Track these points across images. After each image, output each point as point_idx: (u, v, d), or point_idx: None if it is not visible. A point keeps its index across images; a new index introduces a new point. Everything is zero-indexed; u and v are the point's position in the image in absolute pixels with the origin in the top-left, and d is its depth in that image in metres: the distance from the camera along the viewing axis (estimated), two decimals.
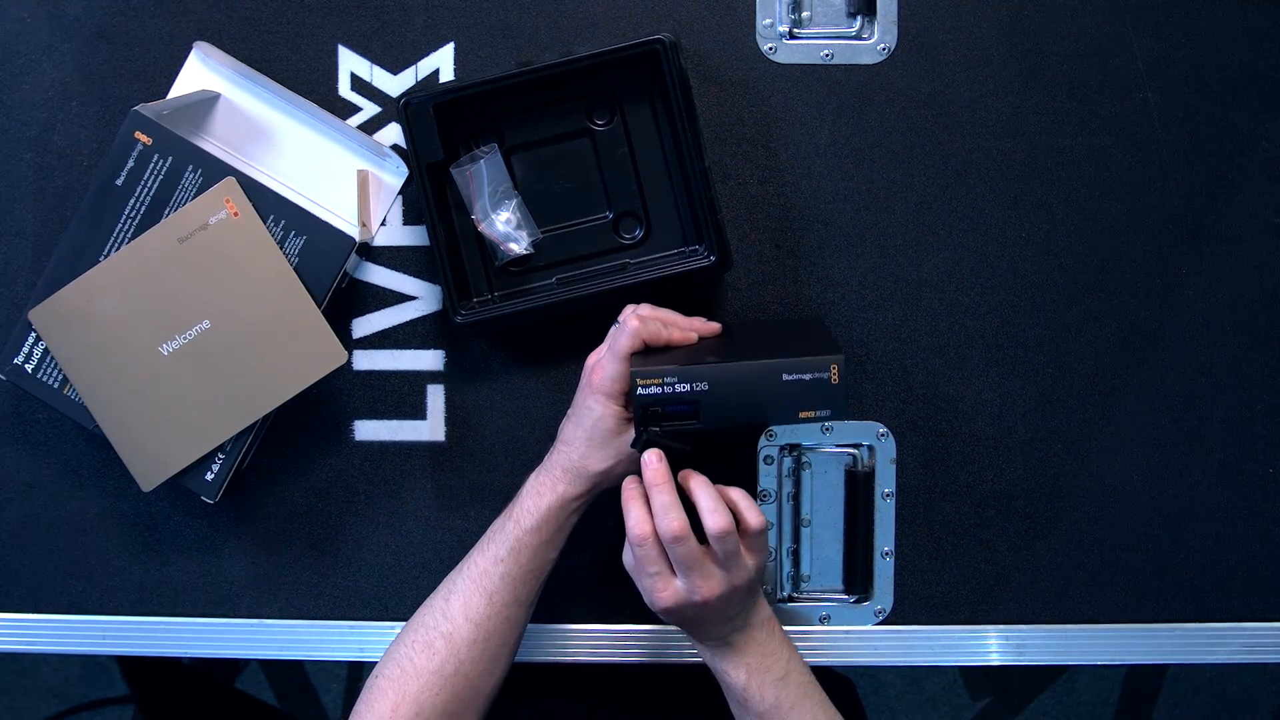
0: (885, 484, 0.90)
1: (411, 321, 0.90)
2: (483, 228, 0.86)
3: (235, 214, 0.83)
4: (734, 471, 0.88)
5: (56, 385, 0.85)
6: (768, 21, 0.89)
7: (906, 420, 0.90)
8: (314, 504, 0.91)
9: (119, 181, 0.83)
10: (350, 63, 0.89)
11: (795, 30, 0.89)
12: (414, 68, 0.89)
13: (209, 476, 0.85)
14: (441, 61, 0.89)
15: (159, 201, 0.84)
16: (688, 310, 0.85)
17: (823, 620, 0.91)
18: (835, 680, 1.08)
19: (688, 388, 0.74)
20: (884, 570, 0.90)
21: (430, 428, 0.91)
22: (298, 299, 0.84)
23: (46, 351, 0.85)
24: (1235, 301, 0.90)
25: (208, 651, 0.91)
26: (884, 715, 1.67)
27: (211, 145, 0.89)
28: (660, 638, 0.91)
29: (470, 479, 0.91)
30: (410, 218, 0.90)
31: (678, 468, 0.74)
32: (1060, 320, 0.90)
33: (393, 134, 0.89)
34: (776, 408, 0.75)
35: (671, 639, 0.91)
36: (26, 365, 0.85)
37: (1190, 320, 0.90)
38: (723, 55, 0.89)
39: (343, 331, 0.90)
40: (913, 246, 0.90)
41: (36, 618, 0.91)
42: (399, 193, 0.90)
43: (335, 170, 0.89)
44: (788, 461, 0.89)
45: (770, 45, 0.89)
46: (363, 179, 0.88)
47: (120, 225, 0.84)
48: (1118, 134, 0.89)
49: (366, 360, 0.90)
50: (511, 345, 0.90)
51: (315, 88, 0.89)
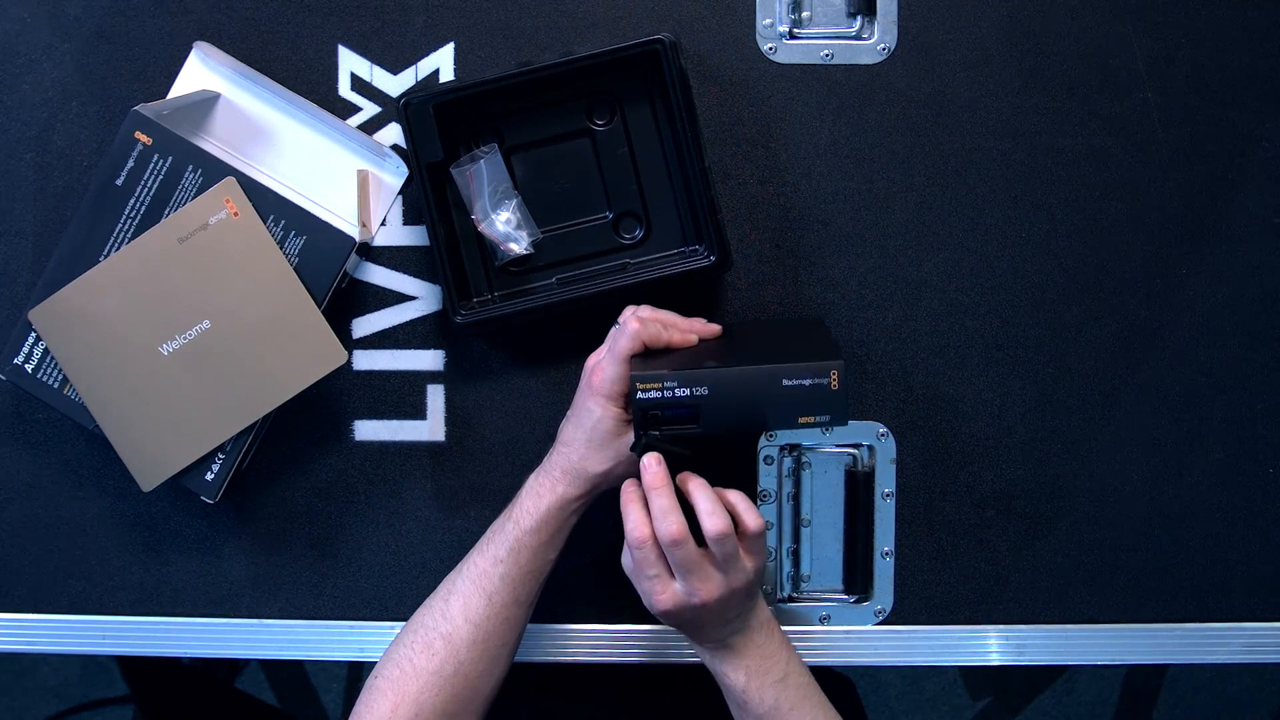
0: (885, 484, 0.90)
1: (411, 321, 0.90)
2: (483, 228, 0.86)
3: (235, 214, 0.83)
4: (734, 472, 0.88)
5: (56, 385, 0.85)
6: (768, 21, 0.89)
7: (906, 420, 0.90)
8: (314, 504, 0.91)
9: (119, 181, 0.83)
10: (350, 63, 0.89)
11: (795, 30, 0.89)
12: (414, 68, 0.89)
13: (209, 476, 0.85)
14: (441, 61, 0.89)
15: (159, 201, 0.84)
16: (688, 310, 0.85)
17: (823, 620, 0.91)
18: (835, 680, 1.08)
19: (687, 392, 0.74)
20: (884, 570, 0.90)
21: (430, 428, 0.91)
22: (298, 299, 0.84)
23: (46, 351, 0.85)
24: (1235, 301, 0.90)
25: (208, 651, 0.91)
26: (884, 715, 1.67)
27: (211, 145, 0.89)
28: (660, 638, 0.91)
29: (470, 479, 0.91)
30: (410, 218, 0.90)
31: (677, 470, 0.74)
32: (1060, 320, 0.90)
33: (393, 134, 0.89)
34: (776, 413, 0.74)
35: (671, 639, 0.91)
36: (26, 365, 0.85)
37: (1190, 320, 0.90)
38: (723, 55, 0.89)
39: (343, 331, 0.90)
40: (913, 246, 0.90)
41: (36, 618, 0.91)
42: (399, 193, 0.90)
43: (335, 170, 0.89)
44: (788, 461, 0.89)
45: (770, 45, 0.89)
46: (363, 179, 0.88)
47: (120, 225, 0.84)
48: (1118, 134, 0.89)
49: (366, 360, 0.90)
50: (511, 345, 0.90)
51: (315, 88, 0.89)
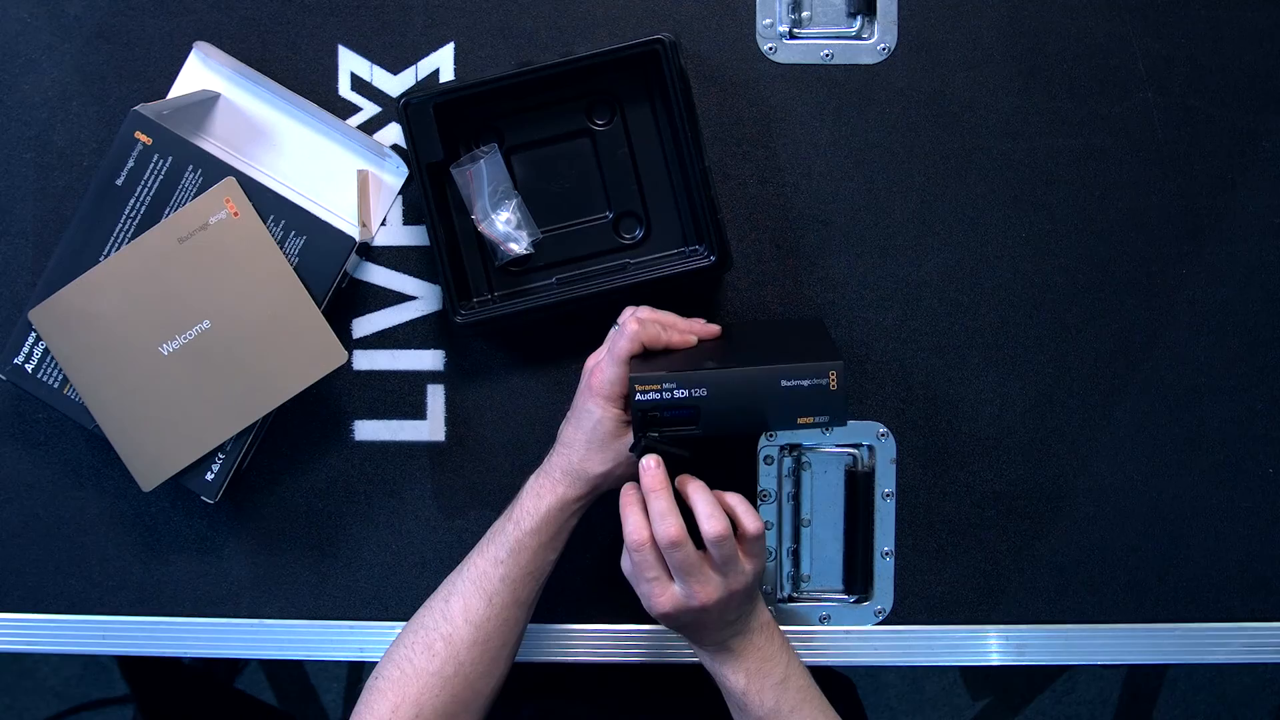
0: (885, 484, 0.90)
1: (411, 321, 0.90)
2: (483, 228, 0.86)
3: (235, 214, 0.83)
4: (733, 472, 0.88)
5: (56, 385, 0.85)
6: (768, 21, 0.89)
7: (906, 420, 0.90)
8: (314, 504, 0.91)
9: (119, 181, 0.83)
10: (350, 63, 0.89)
11: (795, 30, 0.89)
12: (414, 68, 0.89)
13: (209, 476, 0.85)
14: (441, 61, 0.89)
15: (159, 201, 0.84)
16: (688, 310, 0.85)
17: (823, 620, 0.91)
18: (835, 680, 1.08)
19: (686, 394, 0.74)
20: (884, 570, 0.90)
21: (430, 428, 0.91)
22: (298, 299, 0.83)
23: (46, 351, 0.85)
24: (1235, 301, 0.90)
25: (208, 651, 0.91)
26: (884, 715, 1.67)
27: (211, 145, 0.89)
28: (660, 638, 0.91)
29: (470, 479, 0.91)
30: (410, 218, 0.90)
31: (676, 472, 0.74)
32: (1060, 320, 0.90)
33: (393, 134, 0.89)
34: (775, 414, 0.74)
35: (671, 640, 0.91)
36: (26, 365, 0.85)
37: (1190, 320, 0.90)
38: (723, 55, 0.89)
39: (343, 331, 0.90)
40: (913, 246, 0.90)
41: (36, 618, 0.91)
42: (399, 193, 0.90)
43: (335, 170, 0.89)
44: (788, 461, 0.89)
45: (770, 45, 0.89)
46: (363, 179, 0.88)
47: (120, 225, 0.84)
48: (1118, 134, 0.89)
49: (366, 360, 0.90)
50: (511, 345, 0.90)
51: (315, 88, 0.89)
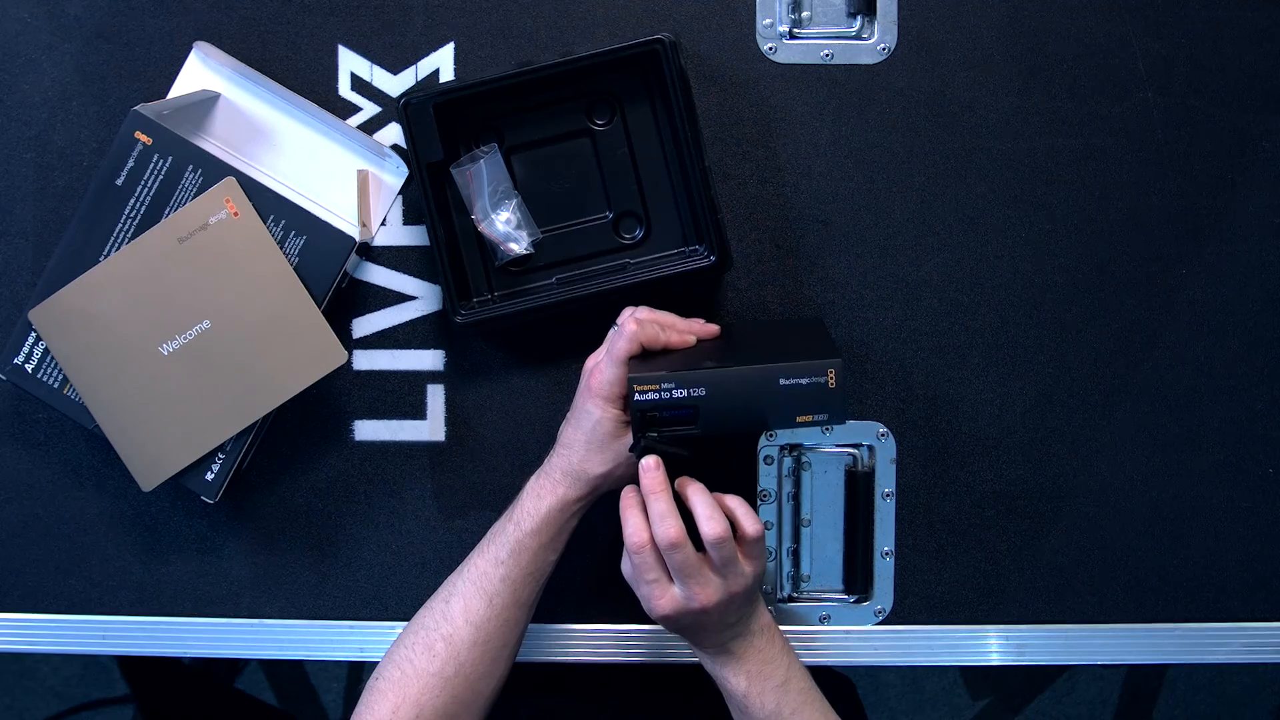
0: (885, 484, 0.90)
1: (411, 321, 0.90)
2: (483, 228, 0.86)
3: (235, 214, 0.83)
4: (733, 472, 0.88)
5: (56, 385, 0.85)
6: (768, 21, 0.89)
7: (906, 420, 0.90)
8: (314, 504, 0.91)
9: (119, 181, 0.83)
10: (350, 63, 0.89)
11: (795, 30, 0.89)
12: (414, 68, 0.89)
13: (209, 476, 0.85)
14: (441, 61, 0.89)
15: (159, 201, 0.84)
16: (688, 310, 0.85)
17: (823, 620, 0.91)
18: (835, 680, 1.08)
19: (685, 393, 0.74)
20: (884, 570, 0.90)
21: (430, 428, 0.91)
22: (298, 299, 0.83)
23: (46, 351, 0.85)
24: (1235, 301, 0.90)
25: (208, 651, 0.91)
26: (884, 715, 1.67)
27: (211, 145, 0.89)
28: (660, 638, 0.91)
29: (470, 479, 0.91)
30: (410, 218, 0.90)
31: (675, 472, 0.74)
32: (1060, 320, 0.90)
33: (393, 134, 0.89)
34: (774, 413, 0.74)
35: (671, 639, 0.91)
36: (26, 365, 0.85)
37: (1190, 320, 0.90)
38: (723, 55, 0.89)
39: (343, 331, 0.90)
40: (913, 246, 0.90)
41: (36, 618, 0.91)
42: (399, 193, 0.90)
43: (335, 170, 0.89)
44: (788, 461, 0.89)
45: (770, 45, 0.89)
46: (363, 179, 0.88)
47: (120, 225, 0.84)
48: (1118, 134, 0.89)
49: (366, 360, 0.90)
50: (511, 345, 0.90)
51: (315, 88, 0.89)
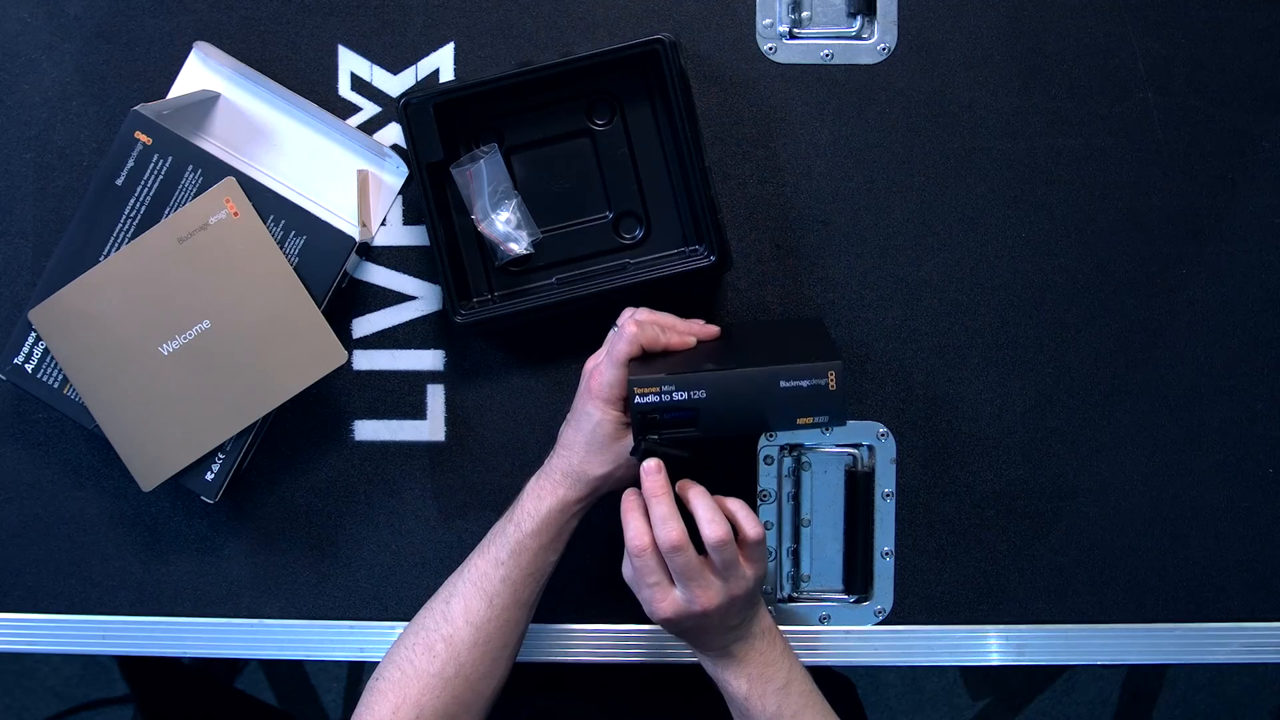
0: (885, 484, 0.90)
1: (411, 321, 0.90)
2: (483, 228, 0.86)
3: (235, 214, 0.83)
4: (734, 472, 0.88)
5: (56, 385, 0.85)
6: (768, 21, 0.89)
7: (906, 420, 0.90)
8: (314, 504, 0.91)
9: (119, 181, 0.83)
10: (350, 63, 0.89)
11: (795, 30, 0.89)
12: (414, 68, 0.89)
13: (209, 476, 0.85)
14: (441, 61, 0.89)
15: (159, 201, 0.84)
16: (688, 311, 0.85)
17: (823, 620, 0.91)
18: (835, 680, 1.08)
19: (685, 395, 0.74)
20: (884, 570, 0.90)
21: (430, 428, 0.91)
22: (298, 299, 0.83)
23: (46, 351, 0.85)
24: (1235, 301, 0.90)
25: (208, 651, 0.91)
26: (884, 715, 1.67)
27: (211, 145, 0.89)
28: (660, 638, 0.91)
29: (470, 479, 0.91)
30: (410, 218, 0.90)
31: (676, 474, 0.74)
32: (1060, 320, 0.90)
33: (393, 134, 0.89)
34: (774, 415, 0.74)
35: (672, 639, 0.90)
36: (26, 365, 0.85)
37: (1190, 320, 0.90)
38: (723, 55, 0.89)
39: (343, 331, 0.90)
40: (913, 246, 0.90)
41: (36, 618, 0.91)
42: (399, 193, 0.90)
43: (335, 170, 0.89)
44: (788, 461, 0.89)
45: (770, 45, 0.89)
46: (363, 179, 0.88)
47: (120, 225, 0.84)
48: (1118, 134, 0.89)
49: (366, 360, 0.90)
50: (511, 345, 0.90)
51: (315, 88, 0.89)
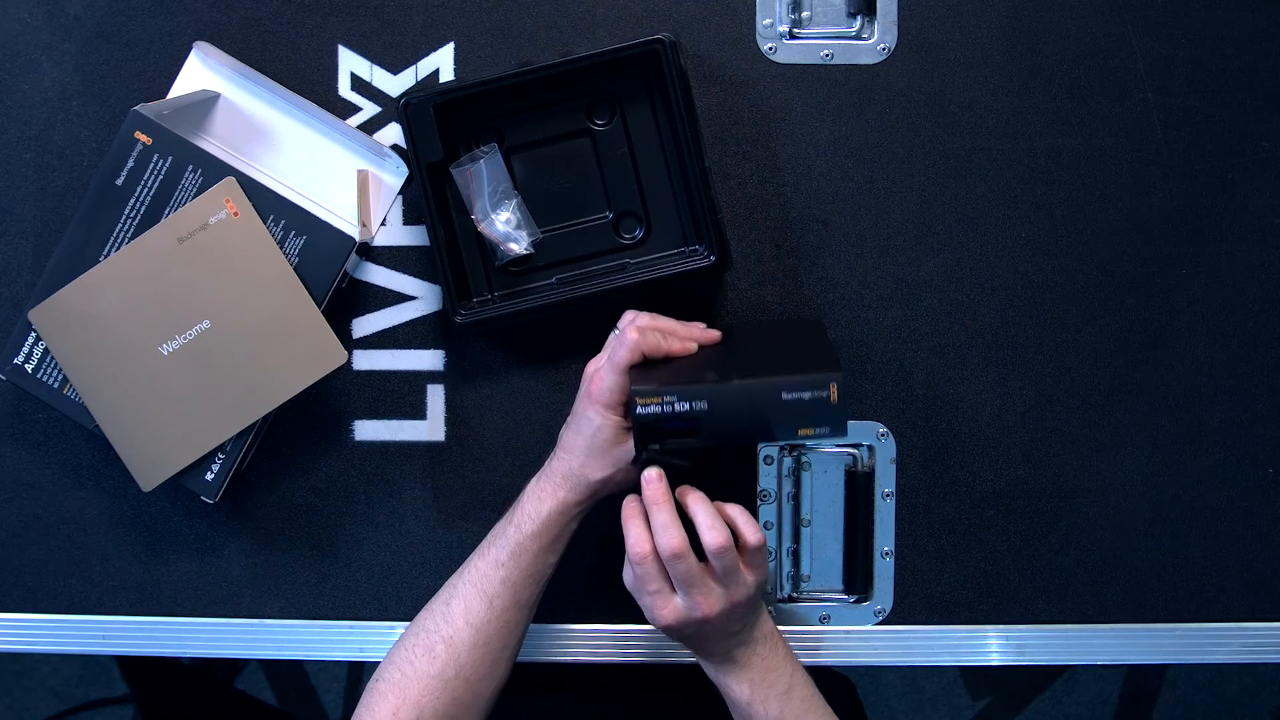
0: (885, 484, 0.90)
1: (411, 321, 0.90)
2: (483, 228, 0.86)
3: (235, 214, 0.83)
4: (733, 472, 0.88)
5: (56, 385, 0.85)
6: (768, 21, 0.89)
7: (906, 420, 0.90)
8: (314, 504, 0.91)
9: (119, 181, 0.83)
10: (350, 63, 0.89)
11: (795, 30, 0.89)
12: (414, 68, 0.89)
13: (209, 476, 0.85)
14: (441, 61, 0.89)
15: (159, 201, 0.84)
16: (688, 311, 0.85)
17: (823, 620, 0.91)
18: (835, 680, 1.08)
19: (687, 406, 0.74)
20: (884, 570, 0.90)
21: (430, 428, 0.90)
22: (298, 299, 0.83)
23: (46, 351, 0.85)
24: (1235, 301, 0.90)
25: (208, 651, 0.91)
26: (884, 715, 1.67)
27: (211, 145, 0.89)
28: (660, 638, 0.91)
29: (470, 479, 0.91)
30: (410, 218, 0.90)
31: (677, 481, 0.74)
32: (1060, 320, 0.90)
33: (393, 134, 0.89)
34: (776, 426, 0.74)
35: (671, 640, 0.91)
36: (26, 365, 0.85)
37: (1190, 320, 0.90)
38: (723, 55, 0.89)
39: (343, 331, 0.90)
40: (913, 246, 0.90)
41: (36, 618, 0.91)
42: (399, 193, 0.90)
43: (335, 170, 0.89)
44: (788, 461, 0.89)
45: (770, 45, 0.89)
46: (363, 179, 0.88)
47: (120, 225, 0.84)
48: (1118, 134, 0.89)
49: (366, 360, 0.90)
50: (511, 345, 0.90)
51: (315, 88, 0.89)
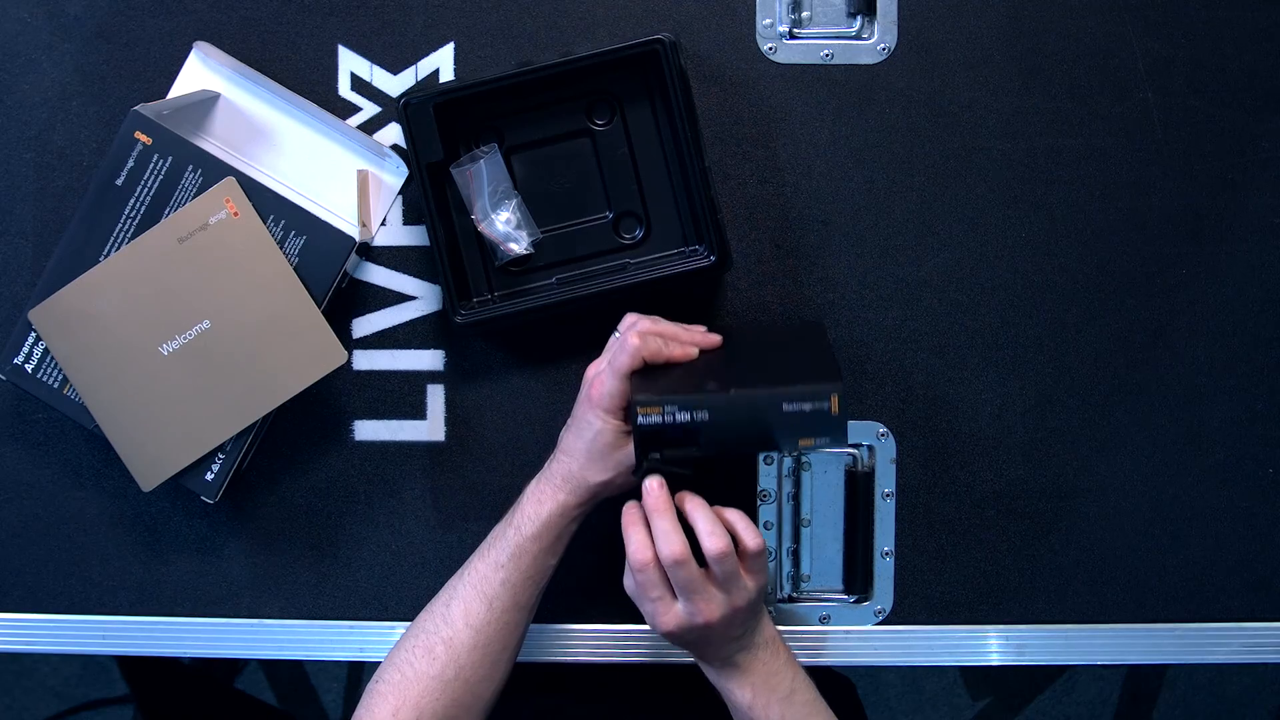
0: (885, 484, 0.90)
1: (411, 321, 0.90)
2: (483, 228, 0.86)
3: (235, 214, 0.83)
4: (734, 472, 0.88)
5: (56, 385, 0.85)
6: (768, 21, 0.89)
7: (906, 420, 0.90)
8: (314, 504, 0.91)
9: (119, 181, 0.83)
10: (350, 63, 0.89)
11: (795, 30, 0.89)
12: (414, 68, 0.89)
13: (209, 476, 0.85)
14: (441, 61, 0.89)
15: (159, 201, 0.84)
16: (688, 311, 0.85)
17: (823, 620, 0.91)
18: (835, 680, 1.08)
19: (688, 417, 0.74)
20: (884, 570, 0.90)
21: (430, 428, 0.90)
22: (298, 299, 0.83)
23: (46, 351, 0.85)
24: (1235, 302, 0.90)
25: (208, 651, 0.91)
26: (884, 715, 1.67)
27: (211, 145, 0.89)
28: (661, 638, 0.91)
29: (470, 479, 0.91)
30: (410, 218, 0.90)
31: (677, 488, 0.75)
32: (1060, 320, 0.90)
33: (393, 134, 0.89)
34: (776, 436, 0.75)
35: None
36: (26, 365, 0.85)
37: (1190, 320, 0.90)
38: (723, 55, 0.89)
39: (343, 331, 0.90)
40: (913, 246, 0.90)
41: (36, 618, 0.91)
42: (399, 193, 0.90)
43: (335, 170, 0.89)
44: (788, 461, 0.89)
45: (770, 45, 0.89)
46: (363, 179, 0.88)
47: (120, 225, 0.84)
48: (1118, 134, 0.89)
49: (366, 360, 0.90)
50: (511, 345, 0.90)
51: (315, 88, 0.89)
